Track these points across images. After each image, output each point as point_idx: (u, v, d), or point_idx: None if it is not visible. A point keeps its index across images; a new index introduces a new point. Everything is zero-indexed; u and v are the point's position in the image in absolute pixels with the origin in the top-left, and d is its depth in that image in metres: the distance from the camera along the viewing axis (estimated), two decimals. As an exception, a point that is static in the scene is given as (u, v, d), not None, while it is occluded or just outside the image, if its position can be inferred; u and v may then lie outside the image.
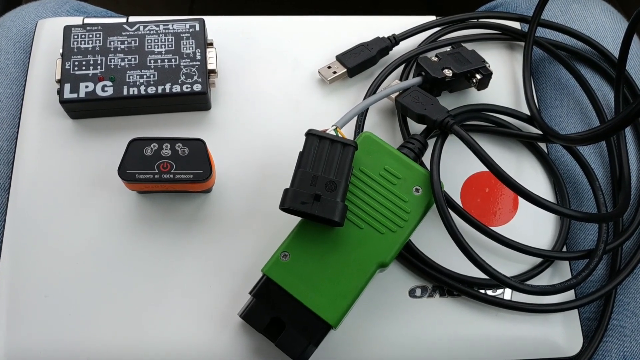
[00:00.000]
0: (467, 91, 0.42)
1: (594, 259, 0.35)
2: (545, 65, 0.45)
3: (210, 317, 0.34)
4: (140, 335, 0.34)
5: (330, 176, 0.32)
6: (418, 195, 0.33)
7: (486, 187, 0.39)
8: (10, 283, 0.34)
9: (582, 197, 0.40)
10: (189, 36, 0.39)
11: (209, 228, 0.36)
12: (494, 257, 0.36)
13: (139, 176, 0.34)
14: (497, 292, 0.36)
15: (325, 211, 0.31)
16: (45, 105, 0.39)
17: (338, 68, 0.41)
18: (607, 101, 0.43)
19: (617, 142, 0.40)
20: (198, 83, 0.37)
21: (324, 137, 0.33)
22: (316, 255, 0.32)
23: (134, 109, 0.38)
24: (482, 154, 0.34)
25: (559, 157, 0.41)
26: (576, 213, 0.34)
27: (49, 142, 0.38)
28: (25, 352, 0.33)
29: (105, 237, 0.36)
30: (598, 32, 0.45)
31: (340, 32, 0.43)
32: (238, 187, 0.37)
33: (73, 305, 0.34)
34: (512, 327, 0.36)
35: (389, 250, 0.32)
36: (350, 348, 0.34)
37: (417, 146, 0.36)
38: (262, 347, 0.34)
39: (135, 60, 0.38)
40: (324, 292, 0.31)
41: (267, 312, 0.32)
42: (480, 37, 0.43)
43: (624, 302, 0.38)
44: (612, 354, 0.37)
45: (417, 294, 0.36)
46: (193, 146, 0.34)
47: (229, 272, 0.35)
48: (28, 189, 0.36)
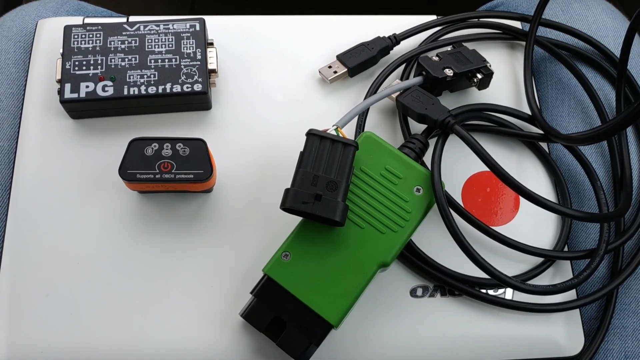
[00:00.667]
0: (468, 91, 0.42)
1: (596, 258, 0.35)
2: (546, 64, 0.45)
3: (211, 317, 0.34)
4: (141, 335, 0.34)
5: (331, 176, 0.32)
6: (419, 195, 0.33)
7: (487, 186, 0.39)
8: (11, 282, 0.34)
9: (583, 197, 0.40)
10: (189, 36, 0.39)
11: (209, 228, 0.36)
12: (495, 257, 0.36)
13: (140, 176, 0.34)
14: (498, 291, 0.36)
15: (326, 211, 0.31)
16: (46, 105, 0.39)
17: (339, 68, 0.41)
18: (609, 101, 0.43)
19: (619, 142, 0.40)
20: (198, 83, 0.37)
21: (324, 136, 0.33)
22: (317, 255, 0.32)
23: (135, 108, 0.38)
24: (483, 154, 0.34)
25: (560, 156, 0.41)
26: (577, 213, 0.34)
27: (50, 142, 0.38)
28: (26, 351, 0.33)
29: (106, 237, 0.36)
30: (599, 32, 0.45)
31: (341, 32, 0.43)
32: (239, 187, 0.37)
33: (74, 305, 0.34)
34: (514, 326, 0.36)
35: (390, 250, 0.32)
36: (352, 348, 0.34)
37: (418, 146, 0.36)
38: (263, 347, 0.34)
39: (136, 60, 0.38)
40: (325, 291, 0.31)
41: (268, 311, 0.32)
42: (481, 37, 0.43)
43: (625, 302, 0.38)
44: (613, 354, 0.37)
45: (418, 294, 0.36)
46: (194, 146, 0.34)
47: (229, 271, 0.35)
48: (29, 189, 0.36)
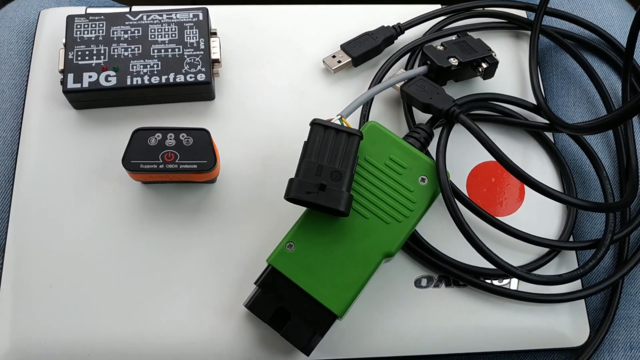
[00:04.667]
0: (472, 80, 0.41)
1: (601, 248, 0.35)
2: (551, 54, 0.44)
3: (215, 308, 0.34)
4: (144, 326, 0.34)
5: (336, 166, 0.32)
6: (424, 185, 0.33)
7: (492, 176, 0.39)
8: (15, 273, 0.34)
9: (589, 187, 0.40)
10: (192, 25, 0.38)
11: (213, 218, 0.36)
12: (500, 247, 0.36)
13: (143, 166, 0.33)
14: (503, 282, 0.36)
15: (330, 201, 0.31)
16: (49, 96, 0.38)
17: (343, 57, 0.40)
18: (615, 90, 0.43)
19: (625, 131, 0.40)
20: (202, 73, 0.37)
21: (329, 126, 0.32)
22: (321, 245, 0.32)
23: (138, 99, 0.38)
24: (488, 143, 0.34)
25: (566, 146, 0.41)
26: (583, 202, 0.34)
27: (53, 133, 0.37)
28: (30, 342, 0.33)
29: (110, 228, 0.35)
30: (605, 21, 0.45)
31: (345, 21, 0.43)
32: (243, 177, 0.37)
33: (77, 296, 0.34)
34: (519, 317, 0.35)
35: (395, 240, 0.32)
36: (356, 338, 0.34)
37: (423, 136, 0.36)
38: (267, 337, 0.34)
39: (139, 50, 0.37)
40: (329, 282, 0.31)
41: (272, 302, 0.32)
42: (486, 26, 0.43)
43: (631, 292, 0.38)
44: (618, 344, 0.37)
45: (423, 284, 0.36)
46: (197, 136, 0.34)
47: (233, 262, 0.35)
48: (32, 180, 0.36)
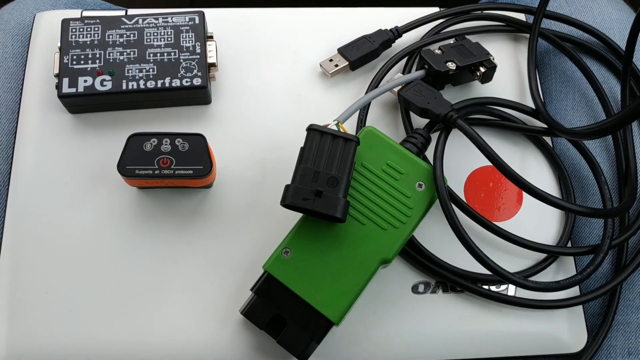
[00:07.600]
0: (470, 84, 0.41)
1: (600, 254, 0.35)
2: (550, 57, 0.44)
3: (211, 314, 0.34)
4: (140, 332, 0.34)
5: (332, 172, 0.31)
6: (421, 191, 0.33)
7: (490, 181, 0.38)
8: (10, 279, 0.34)
9: (587, 192, 0.40)
10: (188, 29, 0.38)
11: (209, 224, 0.36)
12: (497, 252, 0.36)
13: (139, 172, 0.33)
14: (500, 288, 0.36)
15: (327, 207, 0.30)
16: (44, 100, 0.38)
17: (340, 61, 0.40)
18: (614, 94, 0.42)
19: (624, 136, 0.40)
20: (198, 77, 0.37)
21: (325, 132, 0.32)
22: (318, 251, 0.32)
23: (134, 103, 0.38)
24: (486, 148, 0.33)
25: (564, 151, 0.41)
26: (581, 208, 0.33)
27: (48, 137, 0.37)
28: (25, 347, 0.33)
29: (105, 233, 0.35)
30: (604, 24, 0.45)
31: (342, 24, 0.42)
32: (239, 183, 0.37)
33: (73, 301, 0.34)
34: (516, 323, 0.35)
35: (392, 246, 0.32)
36: (353, 345, 0.34)
37: (420, 141, 0.36)
38: (263, 344, 0.34)
39: (135, 53, 0.37)
40: (325, 288, 0.31)
41: (268, 308, 0.32)
42: (484, 29, 0.43)
43: (629, 298, 0.38)
44: (616, 350, 0.37)
45: (420, 290, 0.36)
46: (193, 141, 0.34)
47: (229, 268, 0.35)
48: (27, 184, 0.36)
